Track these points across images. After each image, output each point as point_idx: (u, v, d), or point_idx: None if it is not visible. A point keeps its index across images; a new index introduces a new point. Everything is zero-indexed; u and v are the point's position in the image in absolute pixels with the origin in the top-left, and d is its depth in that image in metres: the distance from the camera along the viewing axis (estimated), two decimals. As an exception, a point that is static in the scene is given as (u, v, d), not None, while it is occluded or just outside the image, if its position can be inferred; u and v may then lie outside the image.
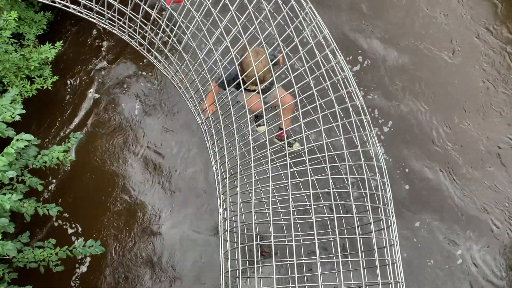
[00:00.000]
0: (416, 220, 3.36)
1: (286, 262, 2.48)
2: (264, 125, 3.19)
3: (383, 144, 3.64)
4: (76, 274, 3.66)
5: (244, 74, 2.49)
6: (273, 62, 2.41)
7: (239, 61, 2.61)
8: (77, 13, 3.20)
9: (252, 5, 2.33)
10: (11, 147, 2.69)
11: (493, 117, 3.57)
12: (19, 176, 3.20)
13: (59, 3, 3.22)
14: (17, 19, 3.89)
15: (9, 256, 2.91)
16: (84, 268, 3.66)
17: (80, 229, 3.82)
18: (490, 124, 3.56)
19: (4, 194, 2.98)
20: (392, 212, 2.31)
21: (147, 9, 2.73)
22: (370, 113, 3.74)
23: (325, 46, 2.19)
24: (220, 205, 2.51)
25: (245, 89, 2.73)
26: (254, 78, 2.29)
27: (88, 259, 3.68)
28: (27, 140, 2.74)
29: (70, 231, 3.84)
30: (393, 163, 3.55)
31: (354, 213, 2.03)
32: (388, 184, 2.38)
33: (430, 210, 3.39)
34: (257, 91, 2.26)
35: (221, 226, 2.40)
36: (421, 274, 3.20)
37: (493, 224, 3.29)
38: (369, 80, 3.88)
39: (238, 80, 2.42)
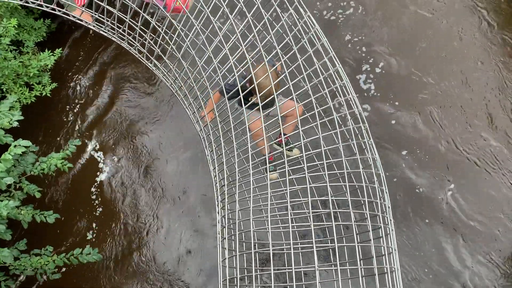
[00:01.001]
0: (400, 159, 3.54)
1: (285, 270, 2.46)
2: (276, 170, 3.22)
3: (373, 80, 3.84)
4: (96, 183, 4.14)
5: (243, 82, 2.50)
6: (271, 70, 2.42)
7: (248, 79, 2.62)
8: (77, 21, 3.21)
9: (251, 13, 2.34)
10: (9, 153, 2.68)
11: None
12: (17, 183, 3.19)
13: (59, 11, 3.23)
14: (16, 26, 3.90)
15: (5, 263, 2.90)
16: (103, 177, 4.16)
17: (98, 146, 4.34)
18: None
19: (1, 200, 2.97)
20: (390, 220, 2.31)
21: (147, 17, 2.74)
22: (357, 50, 3.98)
23: (324, 54, 2.20)
24: (218, 213, 2.50)
25: (246, 100, 2.70)
26: (263, 94, 2.32)
27: (107, 168, 4.17)
28: (25, 147, 2.74)
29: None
30: (381, 98, 3.78)
31: (353, 221, 2.02)
32: (386, 192, 2.37)
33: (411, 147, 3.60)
34: (258, 107, 2.25)
35: (219, 234, 2.39)
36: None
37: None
38: (359, 24, 4.13)
39: (239, 93, 2.40)
